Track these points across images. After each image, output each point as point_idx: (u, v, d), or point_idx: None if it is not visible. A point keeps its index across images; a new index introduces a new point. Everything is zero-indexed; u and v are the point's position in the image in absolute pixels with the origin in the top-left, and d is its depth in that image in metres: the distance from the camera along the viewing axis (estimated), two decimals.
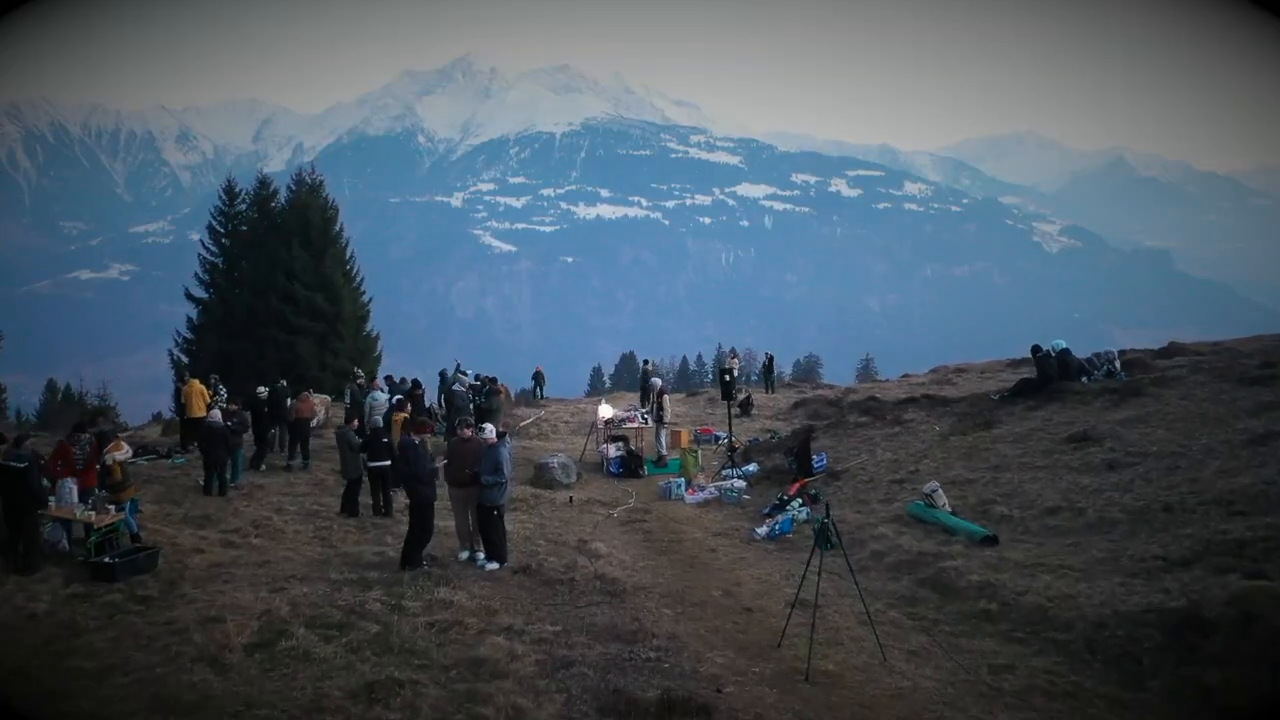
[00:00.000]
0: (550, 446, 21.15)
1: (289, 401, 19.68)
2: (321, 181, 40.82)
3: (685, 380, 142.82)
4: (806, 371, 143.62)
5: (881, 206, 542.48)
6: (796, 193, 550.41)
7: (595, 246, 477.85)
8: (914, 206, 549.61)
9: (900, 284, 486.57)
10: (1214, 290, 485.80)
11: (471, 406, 18.98)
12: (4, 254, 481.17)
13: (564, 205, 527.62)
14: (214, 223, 40.50)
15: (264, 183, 41.41)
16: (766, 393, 28.33)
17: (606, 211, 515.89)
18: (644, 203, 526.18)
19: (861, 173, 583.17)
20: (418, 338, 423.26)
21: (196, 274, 40.96)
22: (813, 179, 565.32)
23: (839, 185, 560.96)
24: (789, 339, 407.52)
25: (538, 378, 39.64)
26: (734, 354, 32.52)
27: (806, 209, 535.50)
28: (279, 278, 36.63)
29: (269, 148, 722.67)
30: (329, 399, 28.35)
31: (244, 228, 40.37)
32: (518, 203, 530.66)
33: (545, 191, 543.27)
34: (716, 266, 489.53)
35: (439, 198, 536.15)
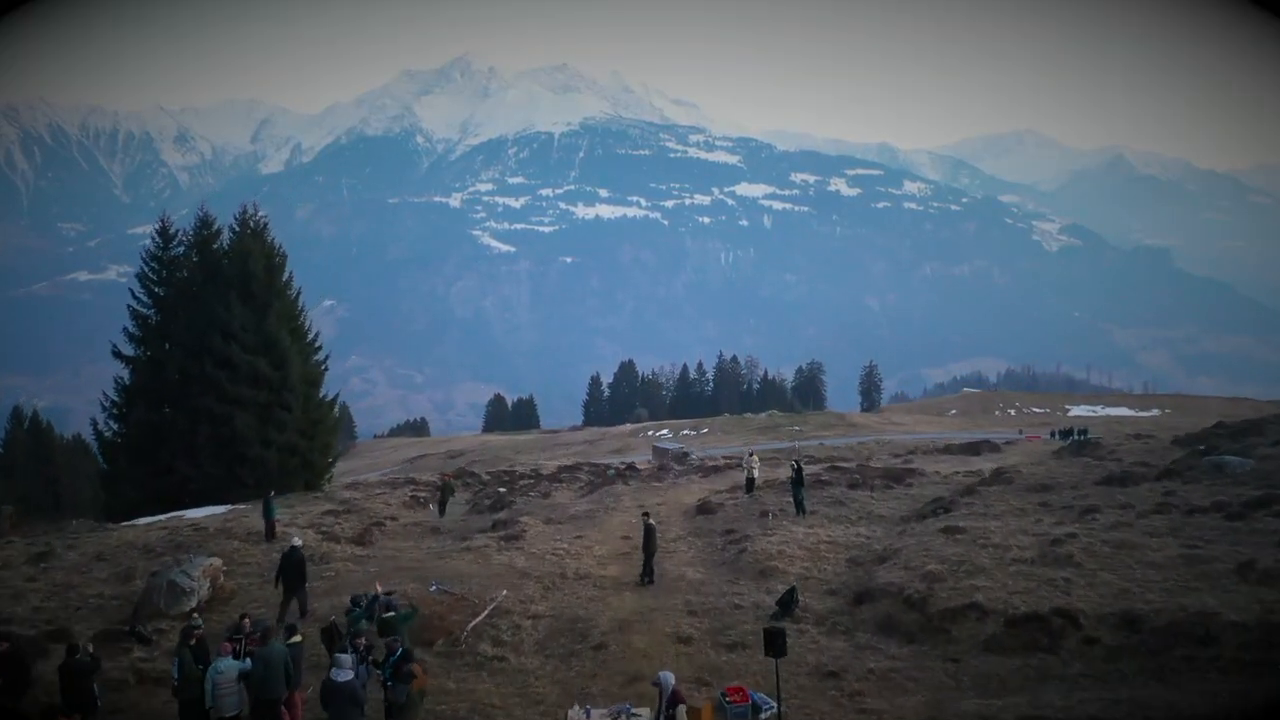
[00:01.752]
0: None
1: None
2: (266, 223, 34.38)
3: (686, 389, 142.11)
4: (808, 380, 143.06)
5: (881, 205, 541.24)
6: (796, 192, 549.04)
7: (594, 246, 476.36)
8: (913, 205, 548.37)
9: (900, 283, 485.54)
10: (1214, 288, 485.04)
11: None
12: (2, 256, 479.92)
13: (563, 205, 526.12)
14: (145, 268, 33.69)
15: (205, 221, 34.39)
16: (796, 514, 20.44)
17: (605, 211, 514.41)
18: (643, 202, 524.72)
19: (861, 172, 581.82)
20: (417, 338, 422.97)
21: (126, 329, 33.80)
22: (812, 178, 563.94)
23: (838, 184, 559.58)
24: (789, 339, 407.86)
25: (445, 489, 28.52)
26: (753, 454, 25.80)
27: (806, 208, 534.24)
28: (215, 338, 30.49)
29: (267, 148, 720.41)
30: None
31: (183, 274, 33.72)
32: (516, 203, 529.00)
33: (544, 192, 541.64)
34: (716, 266, 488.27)
35: (437, 198, 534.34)
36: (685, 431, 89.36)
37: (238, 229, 33.80)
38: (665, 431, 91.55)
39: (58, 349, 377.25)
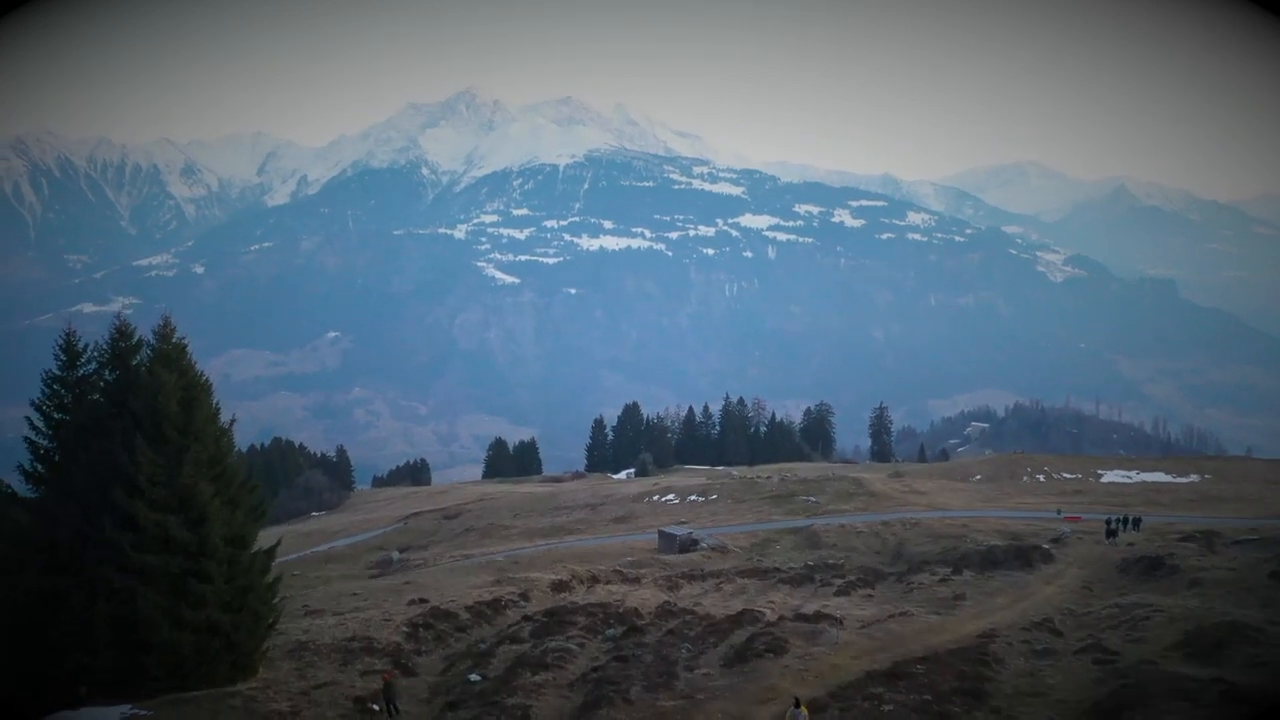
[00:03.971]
0: None
1: None
2: (185, 346, 28.75)
3: (692, 432, 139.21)
4: (817, 422, 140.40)
5: (885, 237, 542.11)
6: (800, 223, 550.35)
7: (598, 278, 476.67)
8: (917, 236, 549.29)
9: (904, 314, 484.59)
10: (1220, 319, 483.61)
11: None
12: (7, 287, 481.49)
13: (567, 237, 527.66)
14: (45, 391, 27.97)
15: (123, 332, 28.70)
16: None
17: (610, 243, 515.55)
18: (647, 234, 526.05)
19: (864, 203, 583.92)
20: (421, 370, 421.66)
21: (21, 465, 27.99)
22: (815, 209, 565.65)
23: (842, 215, 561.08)
24: (794, 370, 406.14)
25: (389, 690, 24.95)
26: (799, 704, 18.29)
27: (810, 239, 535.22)
28: (117, 492, 25.28)
29: (273, 180, 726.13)
30: None
31: (94, 397, 28.12)
32: (521, 235, 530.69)
33: (548, 223, 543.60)
34: (720, 298, 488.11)
35: (442, 230, 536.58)
36: (693, 498, 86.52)
37: (155, 344, 28.10)
38: (671, 496, 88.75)
39: None
